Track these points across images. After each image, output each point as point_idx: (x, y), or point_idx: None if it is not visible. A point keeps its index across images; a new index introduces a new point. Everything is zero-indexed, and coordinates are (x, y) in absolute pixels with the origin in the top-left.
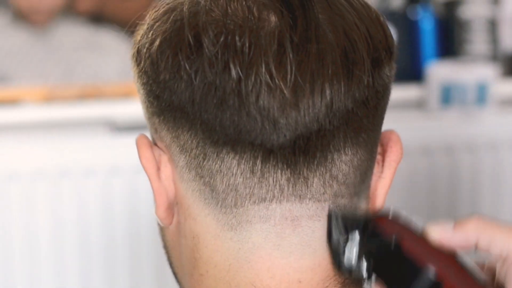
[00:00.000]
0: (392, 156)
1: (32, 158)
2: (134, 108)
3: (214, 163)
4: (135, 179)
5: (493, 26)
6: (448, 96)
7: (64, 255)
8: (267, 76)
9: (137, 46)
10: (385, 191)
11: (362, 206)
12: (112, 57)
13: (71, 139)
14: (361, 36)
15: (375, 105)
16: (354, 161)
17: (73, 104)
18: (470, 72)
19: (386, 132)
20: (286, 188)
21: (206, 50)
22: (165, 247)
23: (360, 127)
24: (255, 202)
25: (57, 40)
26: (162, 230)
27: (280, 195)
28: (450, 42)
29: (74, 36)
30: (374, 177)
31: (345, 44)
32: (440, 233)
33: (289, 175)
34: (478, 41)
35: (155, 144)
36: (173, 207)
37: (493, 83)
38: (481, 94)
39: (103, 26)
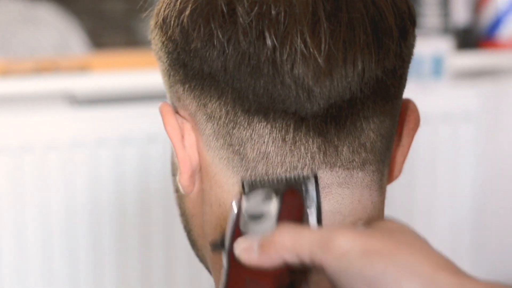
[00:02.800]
0: (410, 124)
1: None
2: (92, 82)
3: (245, 131)
4: (97, 152)
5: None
6: None
7: (26, 232)
8: (302, 45)
9: (162, 15)
10: (403, 158)
11: (385, 172)
12: (49, 30)
13: (31, 113)
14: (388, 6)
15: (401, 74)
16: (381, 129)
17: (30, 78)
18: (426, 45)
19: (403, 101)
20: (317, 156)
21: (240, 19)
22: (183, 214)
23: (387, 96)
24: (286, 170)
25: None
26: (181, 198)
27: (312, 163)
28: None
29: (9, 9)
30: (393, 145)
31: (374, 13)
32: (245, 258)
33: (320, 143)
34: (430, 15)
35: (177, 113)
36: (195, 175)
37: (448, 55)
38: (437, 67)
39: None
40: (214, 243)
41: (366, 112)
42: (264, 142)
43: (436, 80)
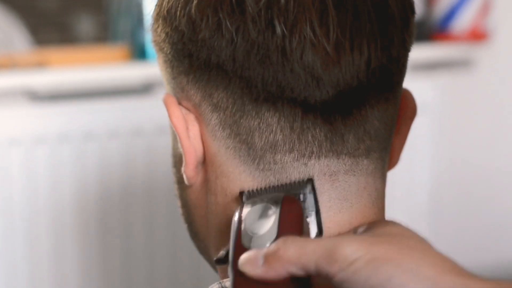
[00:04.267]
0: (408, 113)
1: None
2: (51, 77)
3: (252, 121)
4: (58, 148)
5: None
6: None
7: None
8: (311, 33)
9: (166, 6)
10: (401, 147)
11: (387, 159)
12: None
13: None
14: None
15: (403, 62)
16: (384, 117)
17: None
18: None
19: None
20: (324, 143)
21: (249, 8)
22: (185, 206)
23: (391, 84)
24: (294, 158)
25: None
26: (184, 190)
27: (319, 151)
28: None
29: None
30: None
31: (378, 2)
32: (250, 270)
33: (327, 131)
34: None
35: (180, 104)
36: (199, 165)
37: None
38: None
39: None
40: (219, 259)
41: (371, 100)
42: (272, 130)
43: None
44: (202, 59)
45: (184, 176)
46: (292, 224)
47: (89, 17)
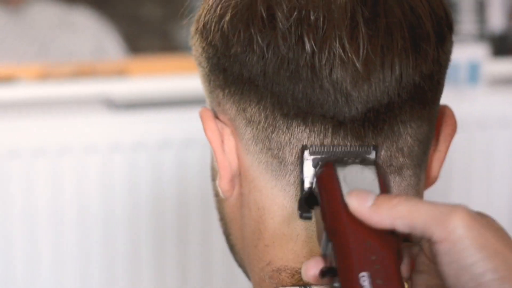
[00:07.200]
0: (447, 130)
1: (31, 136)
2: (131, 86)
3: (283, 135)
4: (135, 156)
5: (481, 6)
6: None
7: (64, 233)
8: (340, 50)
9: (202, 21)
10: (440, 163)
11: (422, 176)
12: (86, 35)
13: (70, 117)
14: (426, 12)
15: (438, 79)
16: (418, 134)
17: (69, 82)
18: (462, 51)
19: (440, 107)
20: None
21: (280, 24)
22: (223, 219)
23: (425, 101)
24: None
25: (31, 18)
26: (221, 202)
27: None
28: None
29: (47, 14)
30: (430, 150)
31: (412, 19)
32: (356, 209)
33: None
34: (466, 21)
35: (217, 118)
36: (235, 179)
37: (484, 62)
38: (473, 73)
39: (76, 4)
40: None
41: (403, 117)
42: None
43: (472, 86)
44: (235, 74)
45: (219, 190)
46: (389, 186)
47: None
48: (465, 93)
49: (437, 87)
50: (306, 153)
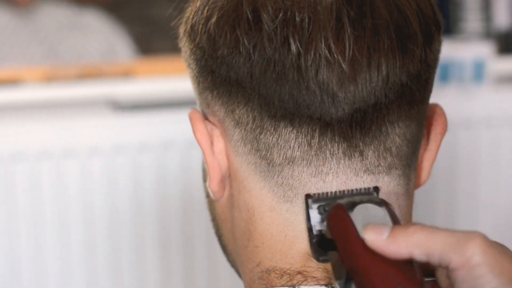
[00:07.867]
0: (438, 129)
1: (37, 137)
2: (136, 87)
3: (271, 137)
4: (140, 158)
5: (486, 4)
6: (445, 73)
7: (69, 234)
8: (326, 51)
9: (190, 23)
10: (431, 163)
11: (412, 176)
12: (95, 37)
13: (75, 118)
14: (413, 11)
15: (426, 79)
16: (406, 134)
17: (74, 84)
18: (467, 49)
19: (430, 106)
20: (342, 161)
21: (265, 26)
22: (214, 220)
23: (412, 101)
24: (312, 174)
25: (40, 20)
26: (212, 203)
27: (337, 167)
28: (445, 20)
29: (57, 16)
30: (421, 150)
31: (398, 19)
32: (373, 242)
33: (346, 148)
34: (471, 19)
35: (206, 119)
36: (225, 180)
37: (489, 60)
38: (478, 71)
39: (85, 6)
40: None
41: (391, 117)
42: (290, 147)
43: (477, 84)
44: (223, 75)
45: (209, 191)
46: (399, 221)
47: None
48: (471, 91)
49: (425, 87)
50: (310, 201)
